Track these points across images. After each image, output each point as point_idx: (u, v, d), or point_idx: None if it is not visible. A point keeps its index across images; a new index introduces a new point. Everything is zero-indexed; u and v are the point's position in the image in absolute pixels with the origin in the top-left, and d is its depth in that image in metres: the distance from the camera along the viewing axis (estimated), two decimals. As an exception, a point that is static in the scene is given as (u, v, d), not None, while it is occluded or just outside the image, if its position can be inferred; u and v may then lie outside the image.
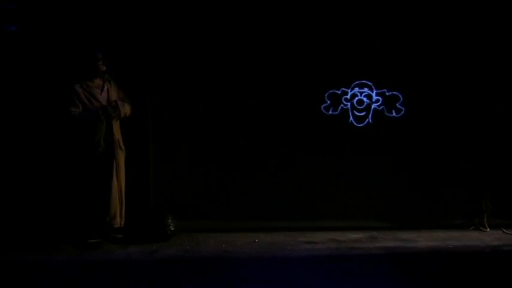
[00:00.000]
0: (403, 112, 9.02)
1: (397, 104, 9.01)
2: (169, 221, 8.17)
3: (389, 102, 9.04)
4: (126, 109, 7.90)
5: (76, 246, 7.63)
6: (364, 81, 9.01)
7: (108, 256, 7.38)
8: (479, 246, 7.80)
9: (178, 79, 8.89)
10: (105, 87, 7.85)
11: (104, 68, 7.84)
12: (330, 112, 9.03)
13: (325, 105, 9.03)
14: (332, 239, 8.19)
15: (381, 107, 9.03)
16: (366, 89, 9.01)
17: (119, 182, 7.86)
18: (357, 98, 8.99)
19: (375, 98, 9.00)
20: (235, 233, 8.47)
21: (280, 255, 7.37)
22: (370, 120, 9.03)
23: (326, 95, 9.02)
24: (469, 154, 9.01)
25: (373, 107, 9.01)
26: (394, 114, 9.01)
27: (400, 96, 9.02)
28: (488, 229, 8.70)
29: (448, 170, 9.05)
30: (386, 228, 8.76)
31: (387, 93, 9.04)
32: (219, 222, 8.80)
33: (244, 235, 8.36)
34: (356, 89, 9.01)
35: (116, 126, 7.85)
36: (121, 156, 7.89)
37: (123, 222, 7.93)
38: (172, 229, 8.17)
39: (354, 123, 9.04)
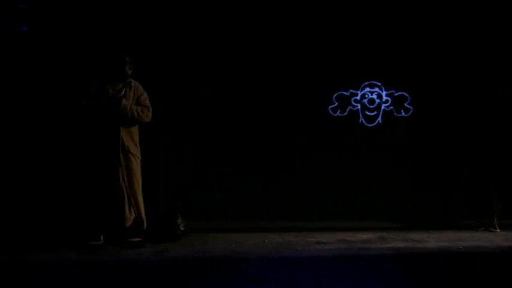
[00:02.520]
0: (411, 112, 9.03)
1: (405, 104, 9.02)
2: (179, 221, 8.19)
3: (397, 103, 9.05)
4: (133, 109, 7.65)
5: (79, 248, 7.58)
6: (373, 82, 9.02)
7: (118, 256, 7.39)
8: (489, 247, 7.77)
9: (186, 83, 8.94)
10: (122, 92, 7.66)
11: (130, 72, 7.69)
12: (338, 113, 9.04)
13: (332, 106, 9.04)
14: (342, 239, 8.19)
15: (389, 108, 9.04)
16: (376, 89, 9.02)
17: (128, 188, 7.67)
18: (368, 98, 8.99)
19: (384, 98, 9.02)
20: (245, 233, 8.49)
21: (290, 256, 7.36)
22: (380, 121, 9.03)
23: (334, 97, 9.04)
24: (480, 155, 9.00)
25: (382, 107, 9.02)
26: (403, 114, 9.02)
27: (407, 96, 9.04)
28: (498, 230, 8.70)
29: (458, 171, 9.05)
30: (396, 228, 8.77)
31: (395, 94, 9.05)
32: (228, 222, 8.82)
33: (253, 235, 8.37)
34: (367, 89, 9.02)
35: (126, 133, 7.66)
36: (132, 163, 7.69)
37: (144, 226, 7.84)
38: (182, 229, 8.19)
39: (365, 123, 9.05)
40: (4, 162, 8.38)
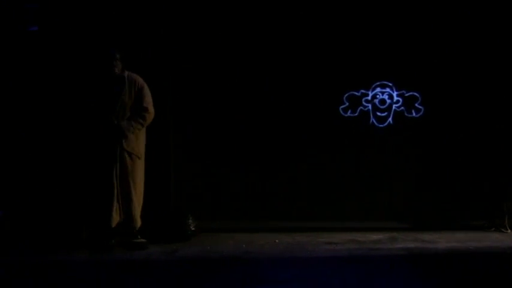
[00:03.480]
0: (421, 112, 9.02)
1: (416, 104, 9.01)
2: (190, 221, 8.22)
3: (408, 103, 9.04)
4: (132, 127, 7.57)
5: (90, 248, 7.61)
6: (385, 82, 9.02)
7: (128, 256, 7.40)
8: (500, 248, 7.76)
9: (198, 83, 8.93)
10: (118, 89, 7.60)
11: (117, 69, 7.63)
12: (349, 114, 9.04)
13: (343, 106, 9.03)
14: (352, 239, 8.19)
15: (400, 108, 9.03)
16: (387, 89, 9.01)
17: (125, 185, 7.62)
18: (378, 98, 8.99)
19: (395, 98, 9.01)
20: (256, 233, 8.50)
21: (301, 256, 7.37)
22: (391, 121, 9.03)
23: (345, 97, 9.04)
24: (490, 155, 8.97)
25: (393, 107, 9.01)
26: (413, 114, 9.01)
27: (418, 96, 9.03)
28: (509, 230, 8.68)
29: (469, 171, 9.01)
30: (406, 229, 8.76)
31: (406, 94, 9.04)
32: (239, 222, 8.83)
33: (264, 235, 8.38)
34: (378, 89, 9.02)
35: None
36: (127, 161, 7.58)
37: (135, 225, 7.76)
38: (192, 229, 8.21)
39: (376, 123, 9.04)
40: (14, 163, 8.42)
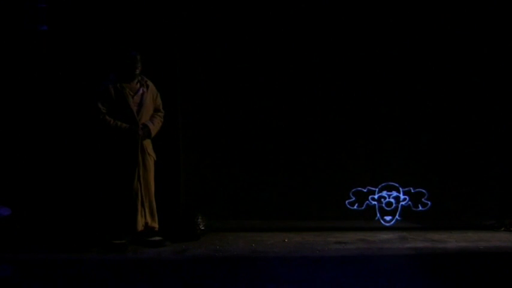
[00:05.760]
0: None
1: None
2: (199, 220, 8.23)
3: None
4: (156, 127, 7.84)
5: (102, 248, 7.65)
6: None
7: (138, 255, 7.44)
8: (509, 247, 7.74)
9: (207, 84, 8.90)
10: (140, 91, 7.74)
11: (138, 71, 7.75)
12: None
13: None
14: (362, 239, 8.19)
15: None
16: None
17: (147, 187, 7.79)
18: None
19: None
20: (265, 232, 8.50)
21: (310, 255, 7.37)
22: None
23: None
24: (500, 155, 8.93)
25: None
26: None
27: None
28: (518, 230, 8.67)
29: (479, 171, 8.96)
30: (416, 228, 8.73)
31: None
32: (248, 221, 8.81)
33: (273, 235, 8.38)
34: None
35: None
36: (149, 162, 7.80)
37: (156, 225, 7.90)
38: (202, 228, 8.22)
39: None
40: (26, 162, 8.45)
